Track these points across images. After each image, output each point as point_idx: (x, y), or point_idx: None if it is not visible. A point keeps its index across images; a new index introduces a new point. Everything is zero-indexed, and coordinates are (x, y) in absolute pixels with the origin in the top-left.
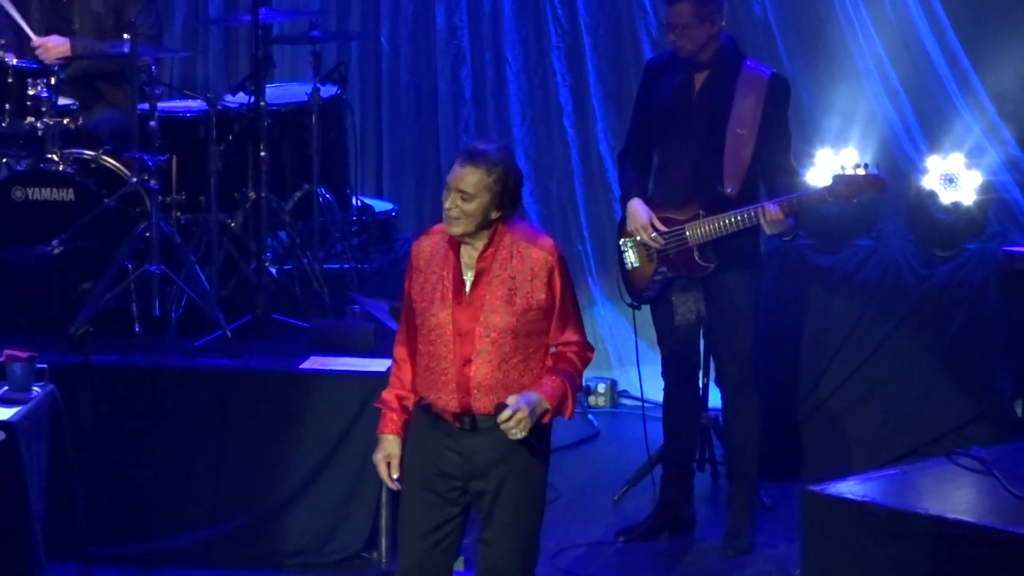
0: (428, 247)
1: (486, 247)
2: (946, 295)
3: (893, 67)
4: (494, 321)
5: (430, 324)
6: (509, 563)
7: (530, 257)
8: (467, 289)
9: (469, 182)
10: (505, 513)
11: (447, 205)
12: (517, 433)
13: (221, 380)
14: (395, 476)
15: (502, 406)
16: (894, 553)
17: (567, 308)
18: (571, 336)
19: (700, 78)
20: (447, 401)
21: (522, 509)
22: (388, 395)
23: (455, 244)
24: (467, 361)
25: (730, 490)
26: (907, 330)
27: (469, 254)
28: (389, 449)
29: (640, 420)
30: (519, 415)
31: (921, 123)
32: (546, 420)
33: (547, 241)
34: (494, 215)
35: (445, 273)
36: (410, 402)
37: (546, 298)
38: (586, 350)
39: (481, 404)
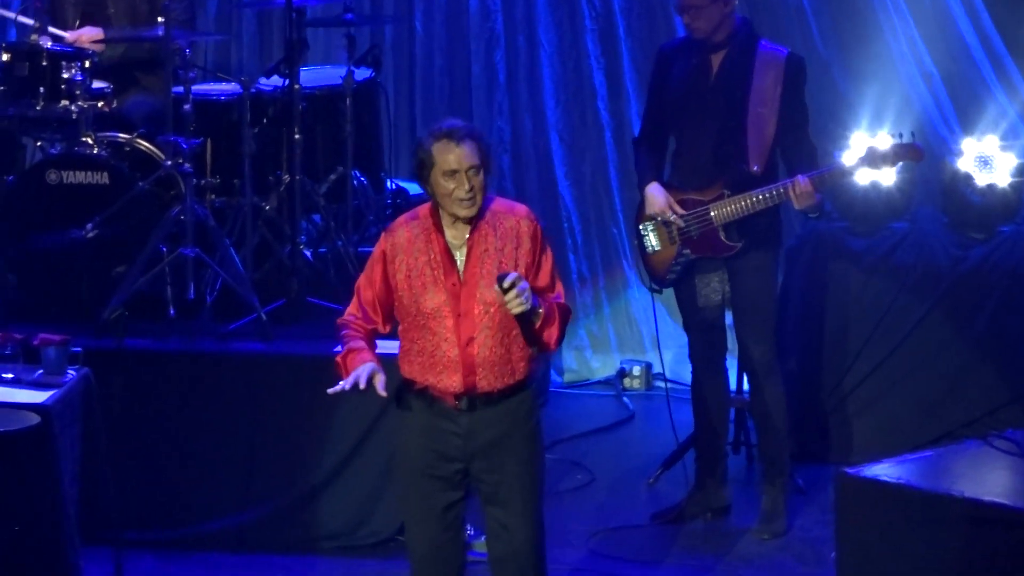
0: (404, 236)
1: (474, 223)
2: (980, 278)
3: (927, 49)
4: (491, 296)
5: (426, 309)
6: (531, 545)
7: (512, 225)
8: (460, 269)
9: (476, 155)
10: (515, 495)
11: (464, 189)
12: (516, 305)
13: (255, 364)
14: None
15: (504, 275)
16: (929, 536)
17: (552, 270)
18: (557, 298)
19: (717, 59)
20: (449, 383)
21: (529, 489)
22: (354, 344)
23: (438, 227)
24: (469, 340)
25: (763, 473)
26: (941, 313)
27: (454, 234)
28: (373, 367)
29: (674, 403)
30: (521, 283)
31: (955, 105)
32: (537, 326)
33: (523, 208)
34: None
35: (432, 257)
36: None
37: (532, 262)
38: (569, 311)
39: (485, 382)
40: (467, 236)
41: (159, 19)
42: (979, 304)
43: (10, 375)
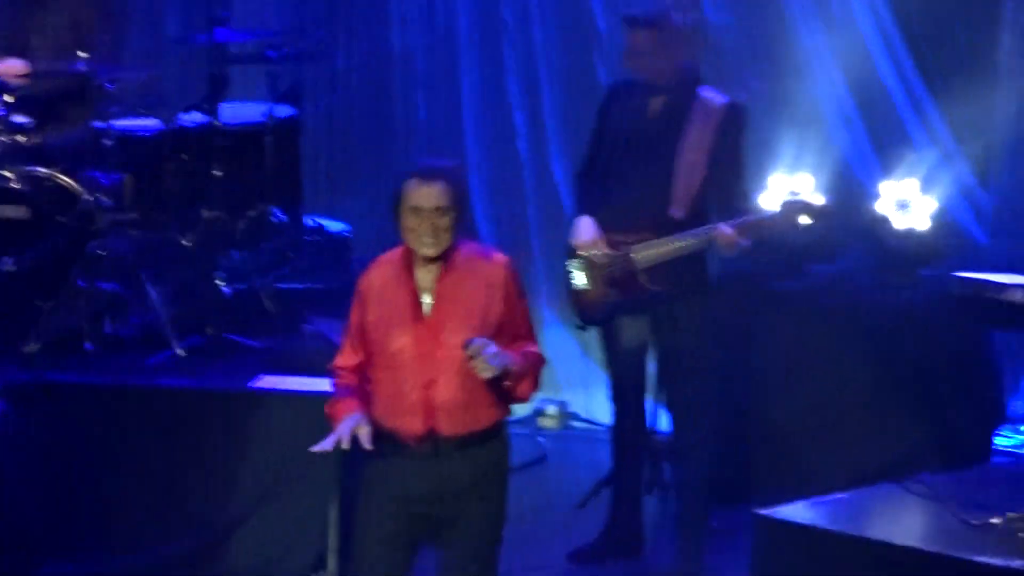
0: (379, 278)
1: (444, 266)
2: (900, 321)
3: (849, 92)
4: (455, 340)
5: (391, 350)
6: None
7: (486, 272)
8: (425, 311)
9: (444, 197)
10: (471, 542)
11: (425, 228)
12: (485, 370)
13: (172, 399)
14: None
15: (470, 341)
16: None
17: (524, 320)
18: (530, 347)
19: (656, 103)
20: (411, 425)
21: (488, 542)
22: (340, 392)
23: (409, 267)
24: (431, 382)
25: (679, 514)
26: (861, 356)
27: (424, 276)
28: (356, 419)
29: (590, 443)
30: (489, 348)
31: (876, 149)
32: (508, 385)
33: (500, 255)
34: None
35: (401, 297)
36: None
37: (504, 311)
38: (543, 360)
39: (447, 426)
40: (436, 279)
41: (82, 53)
42: (899, 348)
43: None
